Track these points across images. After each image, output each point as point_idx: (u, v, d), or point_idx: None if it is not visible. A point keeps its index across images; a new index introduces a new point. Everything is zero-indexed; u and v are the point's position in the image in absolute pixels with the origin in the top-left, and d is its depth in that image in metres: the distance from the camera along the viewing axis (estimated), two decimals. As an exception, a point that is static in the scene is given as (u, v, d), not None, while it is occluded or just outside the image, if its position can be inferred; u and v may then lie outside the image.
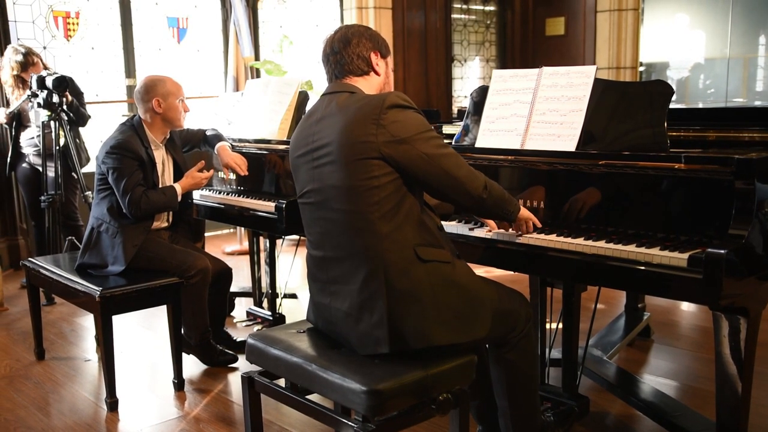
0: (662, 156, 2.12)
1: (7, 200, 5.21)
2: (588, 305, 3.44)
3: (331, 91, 2.08)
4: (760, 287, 1.94)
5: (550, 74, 2.49)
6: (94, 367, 3.40)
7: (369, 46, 2.08)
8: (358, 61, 2.07)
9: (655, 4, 7.14)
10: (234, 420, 2.81)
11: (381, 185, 1.89)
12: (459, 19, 7.63)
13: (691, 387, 3.03)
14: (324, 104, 2.04)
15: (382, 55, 2.11)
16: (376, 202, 1.89)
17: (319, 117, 2.02)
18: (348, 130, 1.90)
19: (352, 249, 1.93)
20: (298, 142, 2.08)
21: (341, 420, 1.88)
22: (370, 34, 2.10)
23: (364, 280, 1.91)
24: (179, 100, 3.21)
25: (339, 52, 2.07)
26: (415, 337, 1.89)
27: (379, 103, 1.90)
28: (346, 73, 2.08)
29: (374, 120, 1.88)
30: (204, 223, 3.99)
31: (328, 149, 1.94)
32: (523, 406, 2.20)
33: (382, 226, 1.89)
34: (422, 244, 1.94)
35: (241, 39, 5.86)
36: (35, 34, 5.39)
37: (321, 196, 1.98)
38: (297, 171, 2.09)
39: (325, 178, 1.96)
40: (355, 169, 1.89)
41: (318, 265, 2.06)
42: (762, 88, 6.78)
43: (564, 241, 2.20)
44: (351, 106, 1.95)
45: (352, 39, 2.07)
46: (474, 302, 1.98)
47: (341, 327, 1.99)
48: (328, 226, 1.99)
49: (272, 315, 3.68)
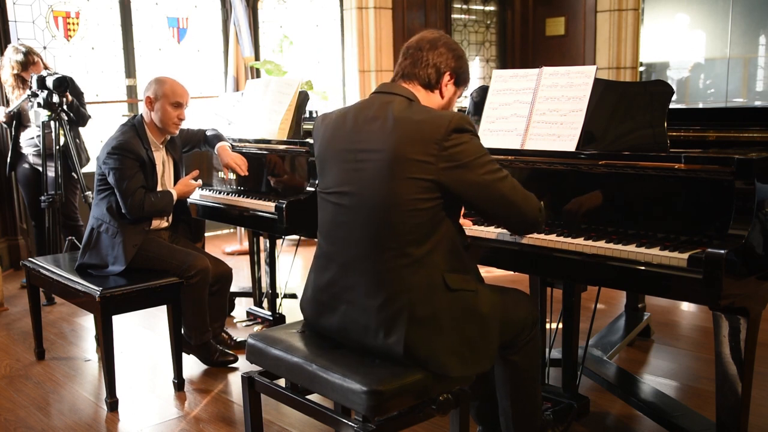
0: (662, 156, 2.11)
1: (7, 200, 5.21)
2: (588, 305, 3.44)
3: (388, 91, 1.97)
4: (760, 287, 1.94)
5: (550, 74, 2.49)
6: (94, 367, 3.40)
7: (450, 64, 2.00)
8: (430, 69, 1.98)
9: (655, 4, 7.14)
10: (234, 420, 2.81)
11: (423, 209, 1.82)
12: (459, 19, 7.63)
13: (691, 387, 3.03)
14: (377, 104, 1.93)
15: (455, 81, 2.04)
16: (413, 224, 1.83)
17: (370, 117, 1.90)
18: (405, 144, 1.81)
19: (377, 266, 1.86)
20: (337, 133, 1.96)
21: (341, 420, 1.88)
22: (458, 56, 2.03)
23: (386, 300, 1.85)
24: (172, 105, 3.14)
25: (421, 50, 1.99)
26: (430, 362, 1.86)
27: (444, 123, 1.81)
28: (413, 77, 2.00)
29: (437, 142, 1.79)
30: (204, 223, 3.99)
31: (377, 156, 1.84)
32: (525, 406, 2.19)
33: (413, 250, 1.83)
34: (451, 271, 1.88)
35: (241, 39, 5.86)
36: (35, 34, 5.39)
37: (353, 200, 1.89)
38: (326, 163, 1.98)
39: (365, 184, 1.86)
40: (401, 186, 1.81)
41: (335, 270, 1.96)
42: (762, 88, 6.78)
43: (564, 241, 2.20)
44: (411, 118, 1.85)
45: (439, 47, 1.99)
46: (489, 334, 1.94)
47: (355, 334, 1.94)
48: (354, 234, 1.90)
49: (272, 315, 3.68)
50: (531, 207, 1.95)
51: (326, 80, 6.78)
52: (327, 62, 6.97)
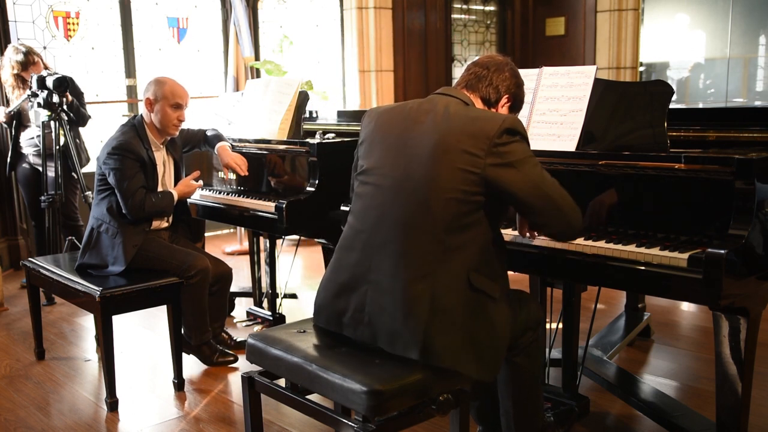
0: (662, 156, 2.11)
1: (7, 200, 5.21)
2: (588, 305, 3.44)
3: (448, 93, 2.06)
4: (760, 287, 1.94)
5: (550, 74, 2.49)
6: (94, 367, 3.40)
7: (511, 89, 2.10)
8: (492, 88, 2.08)
9: (655, 4, 7.14)
10: (234, 420, 2.81)
11: (463, 200, 1.86)
12: (459, 19, 7.63)
13: (691, 387, 3.03)
14: (435, 101, 2.01)
15: (511, 105, 2.13)
16: (451, 213, 1.86)
17: (426, 110, 1.98)
18: (457, 133, 1.88)
19: (408, 248, 1.89)
20: (392, 119, 2.03)
21: (341, 420, 1.88)
22: (519, 84, 2.13)
23: (411, 280, 1.87)
24: (172, 106, 3.13)
25: (488, 68, 2.09)
26: (444, 355, 1.87)
27: (498, 122, 1.88)
28: (475, 89, 2.09)
29: (488, 138, 1.85)
30: (204, 223, 3.99)
31: (427, 142, 1.90)
32: (526, 407, 2.20)
33: (447, 238, 1.86)
34: (477, 271, 1.90)
35: (241, 39, 5.86)
36: (35, 34, 5.39)
37: (396, 184, 1.93)
38: (373, 145, 2.04)
39: (411, 170, 1.91)
40: (448, 174, 1.86)
41: (362, 250, 1.97)
42: (762, 88, 6.78)
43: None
44: (466, 114, 1.94)
45: (505, 71, 2.10)
46: (496, 345, 1.95)
47: (375, 319, 1.94)
48: (388, 216, 1.93)
49: (272, 315, 3.68)
50: (576, 216, 1.97)
51: (326, 80, 6.78)
52: (327, 62, 6.97)
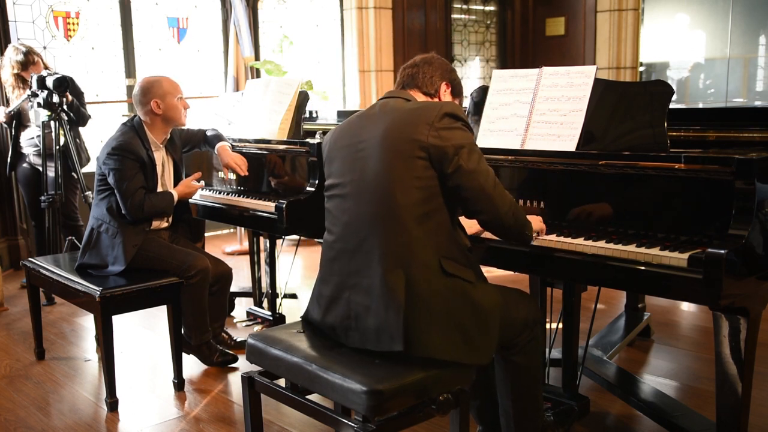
0: (662, 156, 2.11)
1: (7, 200, 5.21)
2: (588, 305, 3.44)
3: (391, 95, 2.14)
4: (760, 287, 1.93)
5: (550, 74, 2.49)
6: (94, 367, 3.40)
7: (445, 75, 2.19)
8: (428, 79, 2.17)
9: (655, 4, 7.14)
10: (234, 420, 2.81)
11: (421, 187, 1.91)
12: (459, 19, 7.63)
13: (691, 387, 3.03)
14: (377, 106, 2.10)
15: (452, 91, 2.21)
16: (412, 203, 1.90)
17: (371, 113, 2.06)
18: (399, 126, 1.94)
19: (379, 242, 1.92)
20: (342, 134, 2.10)
21: (341, 420, 1.89)
22: (451, 69, 2.23)
23: (385, 272, 1.89)
24: (177, 98, 3.20)
25: (417, 65, 2.18)
26: (430, 345, 1.88)
27: (438, 107, 1.95)
28: (413, 86, 2.17)
29: (428, 122, 1.91)
30: (204, 223, 3.99)
31: (374, 142, 1.96)
32: (526, 406, 2.20)
33: (414, 228, 1.90)
34: (449, 258, 1.94)
35: (241, 39, 5.86)
36: (35, 34, 5.39)
37: (356, 187, 1.98)
38: (332, 162, 2.09)
39: (366, 169, 1.96)
40: (401, 164, 1.91)
41: (338, 258, 2.02)
42: (762, 88, 6.78)
43: (564, 241, 2.20)
44: (408, 107, 2.01)
45: (433, 63, 2.19)
46: (484, 327, 1.95)
47: (360, 321, 1.96)
48: (357, 218, 1.97)
49: (272, 315, 3.68)
50: (507, 210, 1.97)
51: (326, 80, 6.78)
52: (327, 62, 6.97)
